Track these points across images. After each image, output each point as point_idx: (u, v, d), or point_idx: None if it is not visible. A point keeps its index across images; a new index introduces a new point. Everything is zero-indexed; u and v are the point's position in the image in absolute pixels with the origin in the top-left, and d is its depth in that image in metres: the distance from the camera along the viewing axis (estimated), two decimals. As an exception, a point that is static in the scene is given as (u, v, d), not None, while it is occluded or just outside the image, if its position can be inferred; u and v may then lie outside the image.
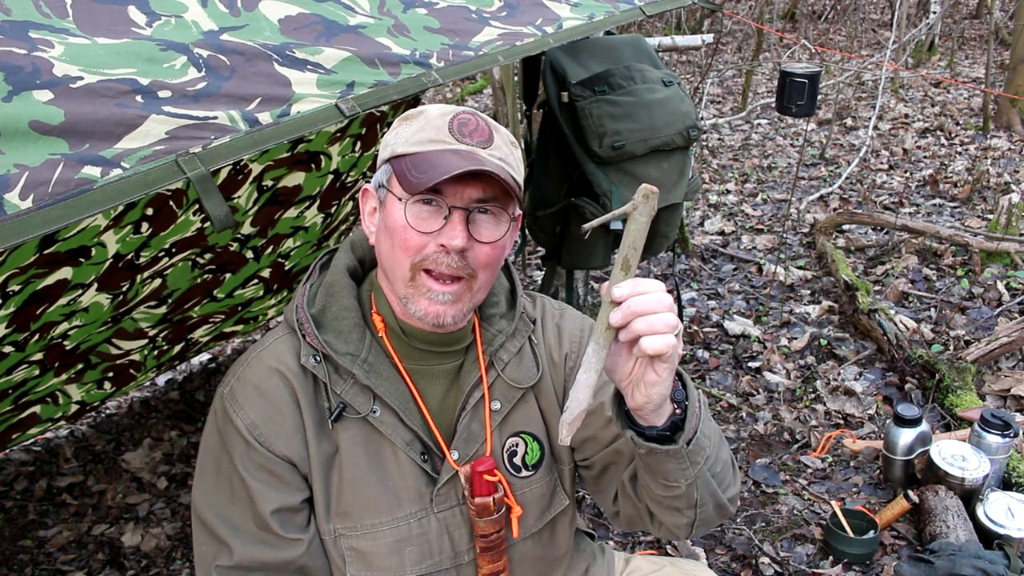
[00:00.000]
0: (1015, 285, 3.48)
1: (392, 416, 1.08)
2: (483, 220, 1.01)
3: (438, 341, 1.11)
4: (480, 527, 1.12)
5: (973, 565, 1.89)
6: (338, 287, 1.11)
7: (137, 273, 2.10)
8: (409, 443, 1.09)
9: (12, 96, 0.89)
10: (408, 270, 1.01)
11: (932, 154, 5.50)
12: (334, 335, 1.07)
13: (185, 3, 1.15)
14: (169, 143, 0.95)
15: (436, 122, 1.00)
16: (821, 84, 3.07)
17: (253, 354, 1.11)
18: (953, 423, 2.62)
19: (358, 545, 1.09)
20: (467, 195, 0.99)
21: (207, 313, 2.78)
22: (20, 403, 2.37)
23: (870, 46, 8.95)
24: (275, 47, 1.14)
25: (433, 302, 1.01)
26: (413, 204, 0.99)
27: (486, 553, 1.13)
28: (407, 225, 0.99)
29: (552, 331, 1.22)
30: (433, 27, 1.36)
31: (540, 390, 1.19)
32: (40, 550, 2.45)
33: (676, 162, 2.36)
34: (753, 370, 3.11)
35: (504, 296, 1.19)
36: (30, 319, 1.88)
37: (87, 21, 1.04)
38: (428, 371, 1.13)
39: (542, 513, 1.19)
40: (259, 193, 2.26)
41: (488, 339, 1.15)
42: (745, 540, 2.28)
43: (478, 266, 1.02)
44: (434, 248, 0.99)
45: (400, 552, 1.10)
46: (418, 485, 1.11)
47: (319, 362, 1.06)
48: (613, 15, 1.62)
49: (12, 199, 0.82)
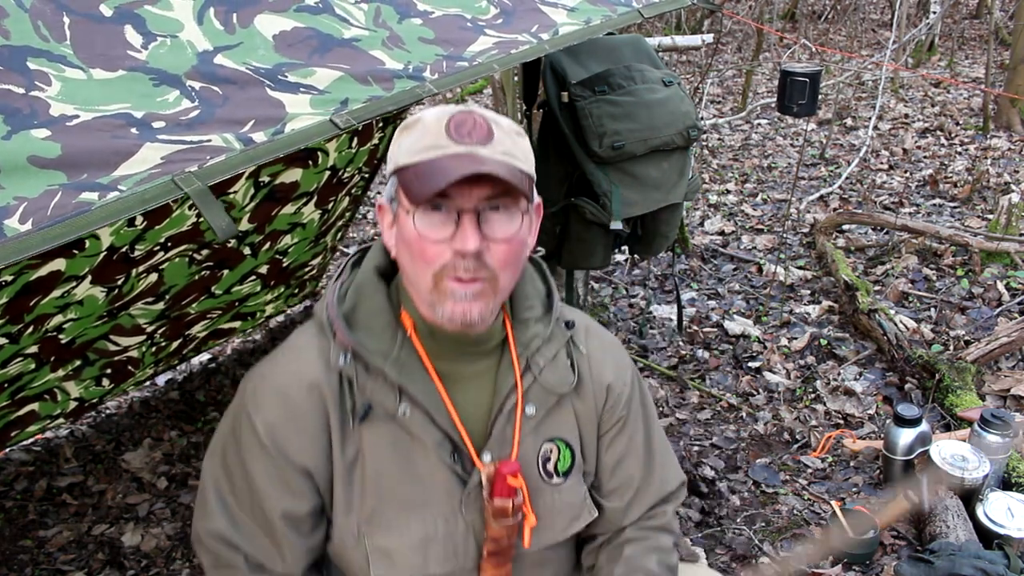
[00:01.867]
0: (1015, 285, 3.48)
1: (422, 415, 1.07)
2: (495, 218, 0.99)
3: (467, 341, 1.10)
4: (493, 529, 1.11)
5: (973, 565, 1.89)
6: (369, 287, 1.10)
7: (132, 267, 2.10)
8: (439, 443, 1.09)
9: (11, 135, 0.92)
10: (431, 279, 1.00)
11: (932, 154, 5.50)
12: (365, 333, 1.07)
13: (181, 20, 1.16)
14: (165, 166, 0.97)
15: (433, 128, 0.98)
16: (821, 84, 3.07)
17: (280, 355, 1.12)
18: (953, 423, 2.62)
19: (383, 543, 1.09)
20: (474, 196, 0.97)
21: (205, 309, 2.78)
22: (17, 399, 2.37)
23: (870, 46, 8.95)
24: (267, 71, 1.15)
25: (458, 302, 1.00)
26: (421, 214, 0.98)
27: (492, 557, 1.13)
28: (419, 236, 0.98)
29: (598, 347, 1.21)
30: (428, 38, 1.36)
31: (578, 395, 1.18)
32: (40, 550, 2.45)
33: (676, 162, 2.36)
34: (753, 370, 3.11)
35: (540, 301, 1.17)
36: (23, 311, 1.88)
37: (85, 45, 1.06)
38: (458, 372, 1.11)
39: (570, 523, 1.19)
40: (256, 189, 2.27)
41: (524, 342, 1.13)
42: (745, 540, 2.28)
43: (497, 266, 1.00)
44: (450, 255, 0.98)
45: (424, 550, 1.10)
46: (448, 486, 1.10)
47: (348, 361, 1.06)
48: (611, 18, 1.60)
49: (12, 224, 0.85)
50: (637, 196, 2.31)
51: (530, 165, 1.03)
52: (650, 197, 2.34)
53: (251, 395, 1.09)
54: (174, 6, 1.17)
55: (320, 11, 1.30)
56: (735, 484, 2.52)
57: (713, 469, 2.57)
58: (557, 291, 1.21)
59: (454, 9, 1.46)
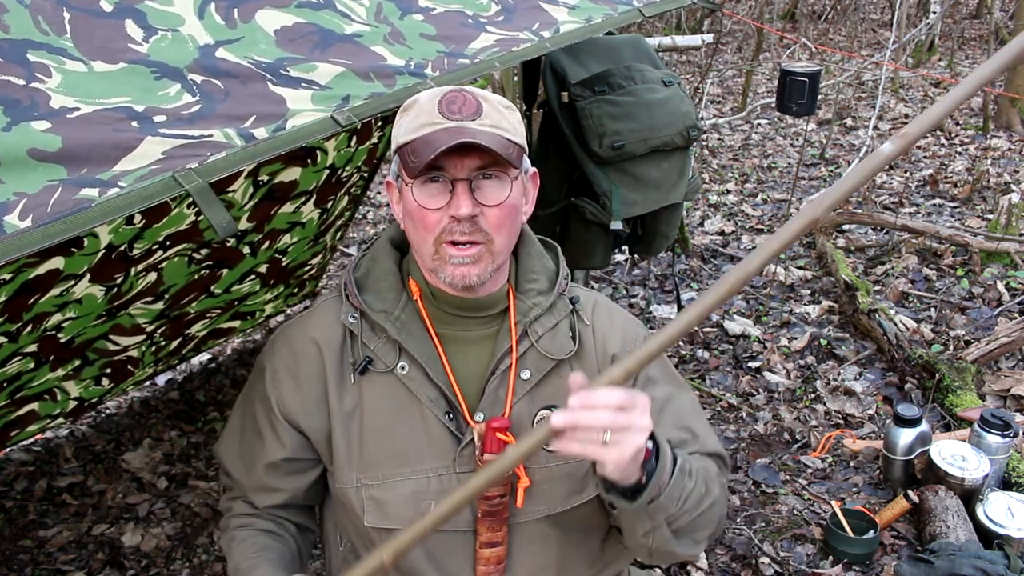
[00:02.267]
0: (1015, 285, 3.48)
1: (419, 372, 1.14)
2: (487, 185, 1.08)
3: (468, 307, 1.17)
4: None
5: (973, 565, 1.89)
6: (381, 253, 1.22)
7: (131, 265, 2.10)
8: (434, 400, 1.15)
9: (11, 127, 0.92)
10: (432, 245, 1.09)
11: (932, 154, 5.50)
12: (373, 295, 1.18)
13: (182, 15, 1.16)
14: (165, 162, 0.97)
15: (427, 107, 1.07)
16: (821, 84, 3.07)
17: (303, 314, 1.26)
18: (953, 423, 2.62)
19: (377, 494, 1.15)
20: (466, 166, 1.06)
21: (204, 309, 2.78)
22: (17, 398, 2.37)
23: (870, 46, 8.95)
24: (268, 66, 1.16)
25: (457, 266, 1.09)
26: (420, 186, 1.08)
27: (487, 518, 1.15)
28: (419, 206, 1.08)
29: (605, 320, 1.25)
30: (429, 34, 1.36)
31: (581, 365, 1.20)
32: (40, 550, 2.45)
33: (676, 162, 2.36)
34: (753, 370, 3.11)
35: (547, 276, 1.23)
36: (22, 309, 1.88)
37: (85, 38, 1.06)
38: (458, 336, 1.18)
39: (569, 495, 1.18)
40: (255, 188, 2.26)
41: (523, 310, 1.18)
42: (745, 540, 2.28)
43: (491, 229, 1.09)
44: (448, 221, 1.07)
45: (417, 504, 1.15)
46: (442, 443, 1.15)
47: (356, 319, 1.16)
48: (611, 17, 1.60)
49: (11, 220, 0.86)
50: (637, 196, 2.31)
51: (519, 136, 1.11)
52: (650, 197, 2.34)
53: (270, 344, 1.25)
54: (175, 1, 1.17)
55: (322, 7, 1.30)
56: (735, 484, 2.52)
57: (713, 469, 2.57)
58: (570, 276, 1.25)
59: (455, 5, 1.46)
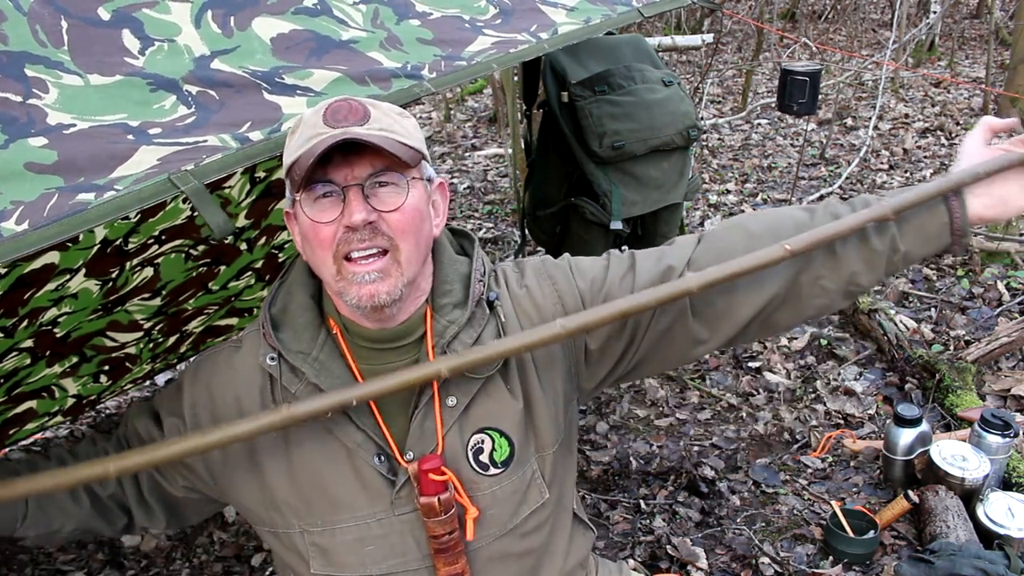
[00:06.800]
0: (1015, 285, 3.48)
1: (343, 416, 1.07)
2: (383, 192, 1.00)
3: (386, 338, 1.09)
4: (430, 527, 1.08)
5: (973, 565, 1.89)
6: (296, 285, 1.13)
7: (126, 260, 2.10)
8: (362, 444, 1.08)
9: (8, 144, 0.92)
10: (332, 264, 1.00)
11: (932, 154, 5.50)
12: (290, 333, 1.10)
13: (179, 24, 1.16)
14: (161, 166, 0.97)
15: (311, 119, 1.00)
16: (821, 83, 3.07)
17: (224, 346, 1.19)
18: (953, 423, 2.62)
19: (320, 541, 1.12)
20: (356, 173, 0.98)
21: (202, 305, 2.78)
22: (14, 395, 2.37)
23: (870, 46, 8.95)
24: (264, 75, 1.15)
25: (363, 284, 1.00)
26: (310, 202, 1.00)
27: (441, 555, 1.11)
28: (312, 221, 1.00)
29: (521, 291, 1.15)
30: (426, 39, 1.36)
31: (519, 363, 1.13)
32: (40, 550, 2.45)
33: (676, 162, 2.37)
34: (753, 370, 3.11)
35: (460, 283, 1.13)
36: (18, 304, 1.88)
37: (82, 50, 1.06)
38: (380, 371, 1.07)
39: (516, 509, 1.15)
40: (252, 185, 2.27)
41: (439, 331, 1.09)
42: (745, 540, 2.28)
43: (395, 234, 1.00)
44: (343, 232, 0.99)
45: (360, 551, 1.10)
46: (377, 487, 1.09)
47: (275, 361, 1.09)
48: (610, 18, 1.60)
49: (8, 225, 0.86)
50: (637, 196, 2.31)
51: (415, 140, 1.03)
52: (650, 197, 2.34)
53: (191, 371, 1.19)
54: (172, 9, 1.17)
55: (318, 13, 1.30)
56: (735, 484, 2.51)
57: (713, 469, 2.57)
58: (482, 264, 1.15)
59: (453, 10, 1.45)
